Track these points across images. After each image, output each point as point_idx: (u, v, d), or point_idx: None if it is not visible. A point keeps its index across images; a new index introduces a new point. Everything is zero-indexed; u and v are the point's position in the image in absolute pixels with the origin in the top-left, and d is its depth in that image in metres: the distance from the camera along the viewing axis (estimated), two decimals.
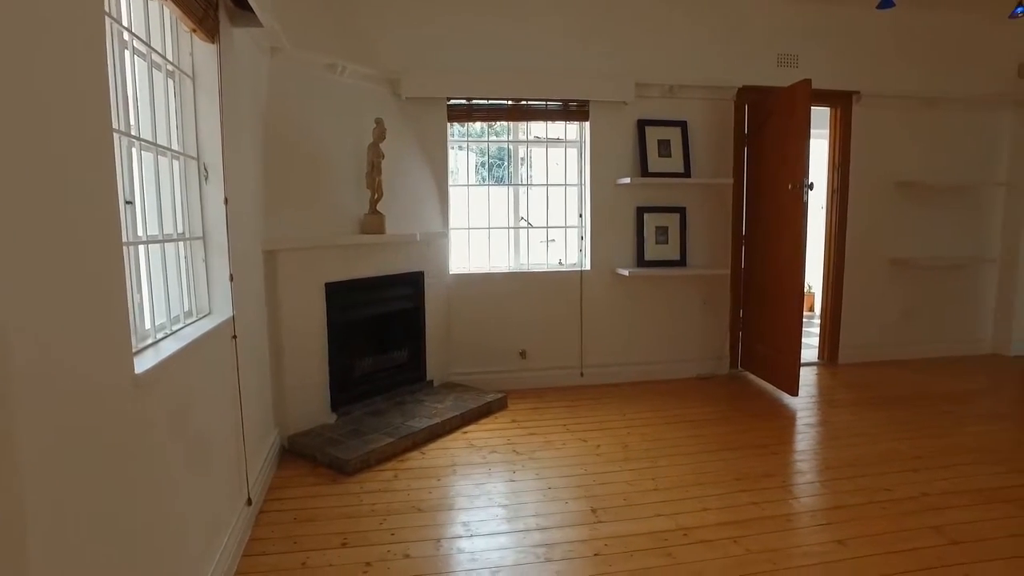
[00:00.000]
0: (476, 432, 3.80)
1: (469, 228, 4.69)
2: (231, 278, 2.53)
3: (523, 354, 4.67)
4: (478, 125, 4.80)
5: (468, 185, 4.73)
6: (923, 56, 5.16)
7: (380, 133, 3.80)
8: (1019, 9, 3.53)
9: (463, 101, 4.46)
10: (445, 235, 4.45)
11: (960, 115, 5.34)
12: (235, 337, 2.56)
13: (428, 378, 4.40)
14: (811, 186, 4.07)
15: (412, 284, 4.26)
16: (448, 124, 4.45)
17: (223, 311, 2.53)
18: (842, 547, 2.51)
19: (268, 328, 3.37)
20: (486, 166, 5.01)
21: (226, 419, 2.46)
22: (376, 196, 3.84)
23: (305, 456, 3.39)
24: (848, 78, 5.02)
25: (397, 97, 4.29)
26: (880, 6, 3.30)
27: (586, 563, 2.41)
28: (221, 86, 2.43)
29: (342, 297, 3.75)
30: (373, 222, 3.84)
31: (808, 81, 4.05)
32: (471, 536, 2.61)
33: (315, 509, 2.84)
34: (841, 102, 5.11)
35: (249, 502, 2.66)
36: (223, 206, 2.48)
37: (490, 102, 4.50)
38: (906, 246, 5.38)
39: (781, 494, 2.97)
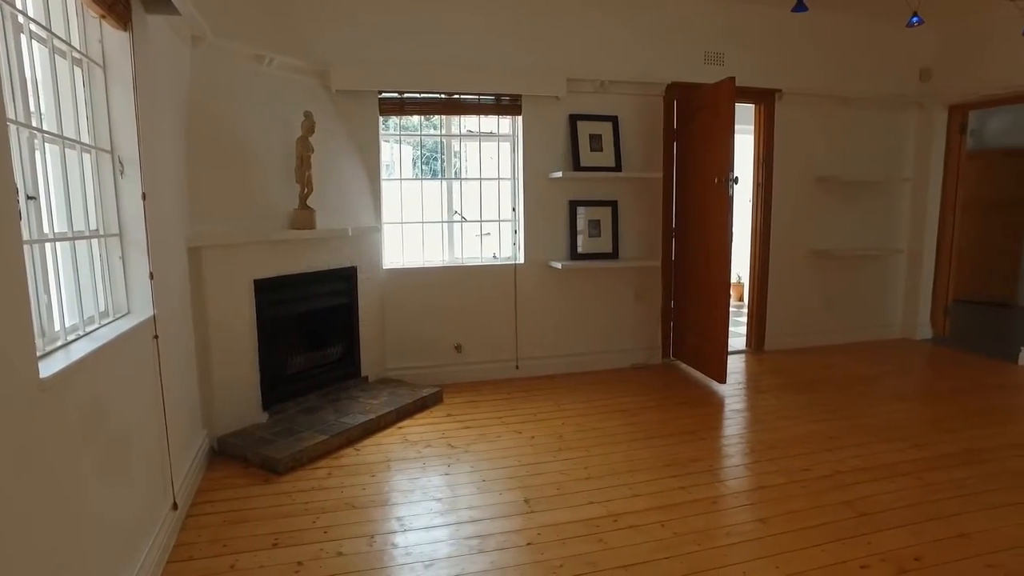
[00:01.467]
0: (411, 427, 3.79)
1: (402, 222, 4.66)
2: (151, 276, 2.44)
3: (458, 348, 4.68)
4: (415, 118, 4.76)
5: (401, 179, 4.69)
6: (838, 58, 5.41)
7: (309, 126, 3.73)
8: (915, 19, 3.77)
9: (395, 94, 4.41)
10: (378, 230, 4.40)
11: (871, 114, 5.64)
12: (156, 337, 2.48)
13: (363, 374, 4.36)
14: (736, 180, 4.22)
15: (344, 279, 4.20)
16: (381, 118, 4.40)
17: (143, 310, 2.44)
18: (763, 525, 2.64)
19: (194, 327, 3.27)
20: (421, 160, 4.98)
21: (148, 421, 2.38)
22: (306, 191, 3.76)
23: (236, 457, 3.31)
24: (770, 76, 5.22)
25: (327, 90, 4.21)
26: (795, 9, 3.45)
27: (519, 552, 2.45)
28: (136, 76, 2.34)
29: (272, 294, 3.67)
30: (303, 217, 3.76)
31: (732, 79, 4.19)
32: (405, 531, 2.62)
33: (245, 510, 2.78)
34: (764, 99, 5.31)
35: (175, 506, 2.58)
36: (141, 201, 2.39)
37: (423, 96, 4.47)
38: (825, 238, 5.65)
39: (708, 478, 3.09)
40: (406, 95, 4.44)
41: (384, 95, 4.38)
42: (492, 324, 4.74)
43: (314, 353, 4.13)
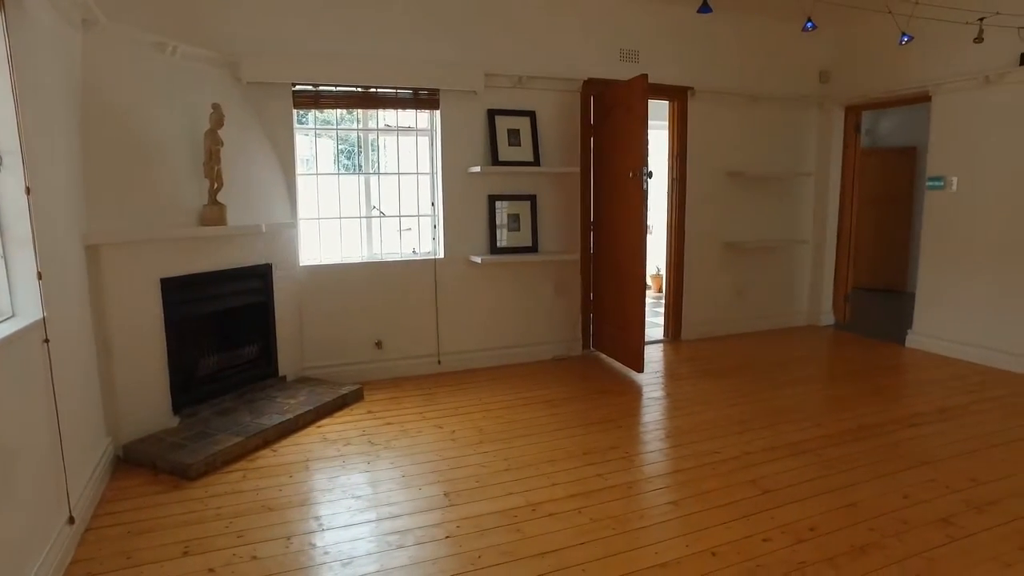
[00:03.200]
0: (331, 425, 3.73)
1: (319, 218, 4.56)
2: (39, 276, 2.29)
3: (379, 344, 4.62)
4: (337, 112, 4.67)
5: (317, 174, 4.58)
6: (746, 58, 5.66)
7: (218, 119, 3.59)
8: (809, 24, 3.99)
9: (310, 87, 4.31)
10: (294, 226, 4.29)
11: (777, 112, 5.93)
12: (47, 341, 2.34)
13: (281, 373, 4.25)
14: (650, 174, 4.35)
15: (259, 277, 4.08)
16: (296, 111, 4.29)
17: (30, 313, 2.29)
18: (675, 507, 2.75)
19: (94, 329, 3.09)
20: (343, 154, 4.89)
21: (37, 432, 2.24)
22: (216, 186, 3.63)
23: (144, 464, 3.17)
24: (683, 74, 5.40)
25: (238, 81, 4.06)
26: (700, 10, 3.58)
27: (438, 546, 2.46)
28: (12, 59, 2.18)
29: (182, 293, 3.52)
30: (213, 213, 3.63)
31: (645, 76, 4.31)
32: (323, 530, 2.58)
33: (153, 520, 2.67)
34: (678, 96, 5.49)
35: (71, 520, 2.44)
36: (24, 196, 2.24)
37: (339, 89, 4.39)
38: (736, 230, 5.90)
39: (624, 464, 3.19)
40: (321, 88, 4.34)
41: (298, 88, 4.27)
42: (413, 320, 4.71)
43: (229, 353, 4.00)
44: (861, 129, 6.23)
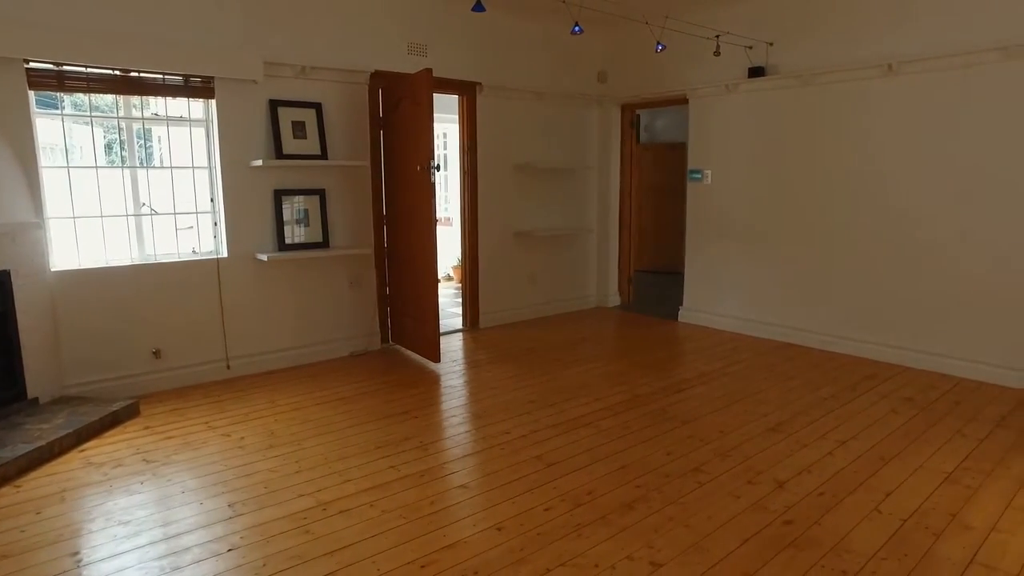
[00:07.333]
0: (97, 448, 3.35)
1: (75, 217, 4.03)
2: None
3: (157, 353, 4.22)
4: (109, 97, 4.15)
5: (68, 167, 4.04)
6: (531, 56, 5.96)
7: None
8: (576, 28, 4.32)
9: (50, 66, 3.78)
10: (40, 226, 3.75)
11: (562, 109, 6.33)
12: None
13: (31, 396, 3.71)
14: (438, 167, 4.43)
15: None
16: (35, 93, 3.74)
17: None
18: (465, 490, 2.85)
19: None
20: (117, 145, 4.35)
21: None
22: None
23: None
24: (471, 70, 5.55)
25: None
26: (474, 8, 3.71)
27: (218, 561, 2.32)
28: None
29: None
30: None
31: (429, 70, 4.36)
32: (80, 567, 2.31)
33: None
34: (466, 91, 5.63)
35: None
36: None
37: (90, 70, 3.90)
38: (527, 220, 6.22)
39: (418, 454, 3.24)
40: (66, 68, 3.83)
41: (34, 65, 3.72)
42: (196, 324, 4.36)
43: None
44: (640, 125, 6.87)
